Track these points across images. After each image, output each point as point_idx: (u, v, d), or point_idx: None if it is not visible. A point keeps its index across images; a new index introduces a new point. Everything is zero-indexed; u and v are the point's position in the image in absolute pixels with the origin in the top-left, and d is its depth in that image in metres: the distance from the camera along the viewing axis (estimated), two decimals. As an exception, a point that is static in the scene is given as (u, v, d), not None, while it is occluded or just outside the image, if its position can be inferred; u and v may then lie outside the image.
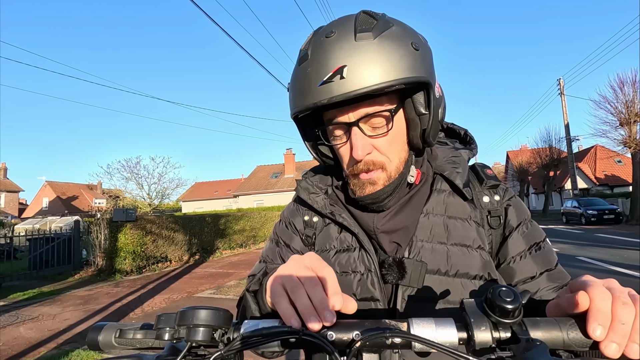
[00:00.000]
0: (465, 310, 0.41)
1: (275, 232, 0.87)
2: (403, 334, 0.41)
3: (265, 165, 36.26)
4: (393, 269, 0.67)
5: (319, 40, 0.64)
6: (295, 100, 0.67)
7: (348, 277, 0.71)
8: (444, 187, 0.74)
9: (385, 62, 0.59)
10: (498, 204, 0.73)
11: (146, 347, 0.47)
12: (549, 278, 0.68)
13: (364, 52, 0.60)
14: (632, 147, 17.44)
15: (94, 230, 9.67)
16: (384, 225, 0.72)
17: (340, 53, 0.60)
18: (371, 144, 0.67)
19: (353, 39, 0.60)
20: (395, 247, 0.71)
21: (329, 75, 0.60)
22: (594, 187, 30.75)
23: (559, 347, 0.40)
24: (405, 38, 0.63)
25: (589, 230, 15.31)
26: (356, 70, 0.59)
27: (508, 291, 0.39)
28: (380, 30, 0.61)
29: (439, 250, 0.68)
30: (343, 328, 0.43)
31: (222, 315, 0.41)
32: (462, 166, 0.75)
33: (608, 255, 8.25)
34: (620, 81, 17.94)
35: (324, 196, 0.80)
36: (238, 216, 14.86)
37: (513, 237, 0.71)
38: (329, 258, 0.74)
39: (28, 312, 5.85)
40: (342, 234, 0.75)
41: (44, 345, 4.28)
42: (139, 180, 21.79)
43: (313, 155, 0.80)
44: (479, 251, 0.69)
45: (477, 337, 0.39)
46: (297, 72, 0.66)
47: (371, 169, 0.68)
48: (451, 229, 0.70)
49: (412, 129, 0.70)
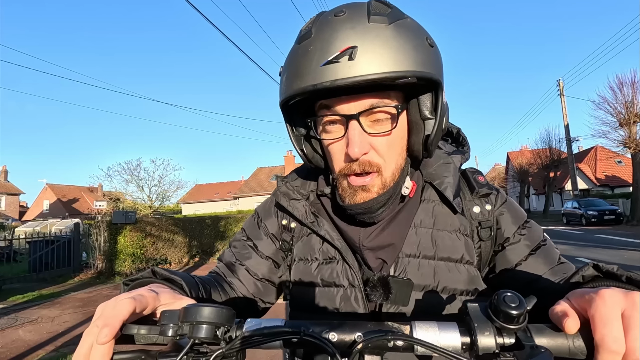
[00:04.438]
0: (469, 315, 0.41)
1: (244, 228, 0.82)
2: (405, 337, 0.41)
3: (266, 167, 36.31)
4: (378, 289, 0.62)
5: (327, 19, 0.58)
6: (289, 82, 0.59)
7: (331, 291, 0.68)
8: (433, 197, 0.70)
9: (400, 50, 0.54)
10: (489, 213, 0.70)
11: (150, 343, 0.47)
12: (553, 273, 0.65)
13: (377, 36, 0.54)
14: (632, 148, 17.44)
15: (94, 232, 9.65)
16: (371, 242, 0.67)
17: (351, 33, 0.54)
18: (369, 143, 0.60)
19: (366, 20, 0.55)
20: (381, 263, 0.68)
21: (335, 54, 0.53)
22: (595, 187, 30.74)
23: (564, 355, 0.40)
24: (420, 33, 0.59)
25: (589, 231, 15.28)
26: (367, 53, 0.53)
27: (513, 296, 0.38)
28: (395, 18, 0.57)
29: (426, 266, 0.65)
30: (345, 329, 0.43)
31: (225, 313, 0.41)
32: (453, 175, 0.70)
33: (608, 256, 8.26)
34: (619, 82, 17.97)
35: (305, 203, 0.74)
36: (238, 218, 14.85)
37: (512, 244, 0.68)
38: (311, 270, 0.71)
39: (27, 315, 5.83)
40: (324, 246, 0.71)
41: (42, 348, 4.26)
42: (139, 182, 21.75)
43: (298, 152, 0.71)
44: (466, 266, 0.67)
45: (480, 342, 0.38)
46: (296, 51, 0.59)
47: (366, 170, 0.61)
48: (439, 243, 0.67)
49: (415, 134, 0.64)
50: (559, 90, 25.70)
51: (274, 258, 0.77)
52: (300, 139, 0.71)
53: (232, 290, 0.74)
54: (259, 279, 0.76)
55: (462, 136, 0.80)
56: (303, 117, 0.68)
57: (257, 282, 0.76)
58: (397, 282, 0.63)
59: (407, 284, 0.63)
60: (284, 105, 0.64)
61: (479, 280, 0.67)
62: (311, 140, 0.71)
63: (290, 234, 0.76)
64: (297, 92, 0.57)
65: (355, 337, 0.42)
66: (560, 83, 25.65)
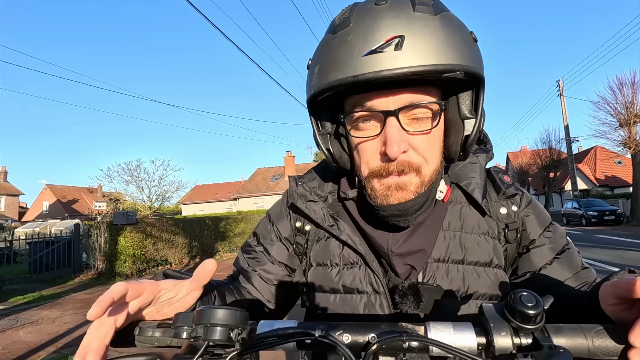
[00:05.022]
0: (485, 315, 0.40)
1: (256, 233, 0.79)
2: (420, 337, 0.40)
3: (266, 168, 36.25)
4: (408, 297, 0.59)
5: (367, 7, 0.54)
6: (323, 73, 0.54)
7: (353, 297, 0.65)
8: (460, 199, 0.68)
9: (449, 42, 0.50)
10: (515, 215, 0.67)
11: (164, 346, 0.47)
12: (576, 279, 0.64)
13: (424, 26, 0.50)
14: (632, 148, 17.44)
15: (94, 233, 9.62)
16: (400, 248, 0.62)
17: (396, 22, 0.50)
18: (408, 141, 0.56)
19: (411, 9, 0.51)
20: (409, 269, 0.63)
21: (380, 43, 0.49)
22: (594, 188, 30.73)
23: (584, 355, 0.39)
24: (464, 27, 0.55)
25: (589, 231, 15.27)
26: (415, 43, 0.49)
27: (530, 296, 0.37)
28: (440, 9, 0.53)
29: (454, 272, 0.63)
30: (359, 330, 0.42)
31: (238, 315, 0.41)
32: (479, 175, 0.67)
33: (608, 256, 8.25)
34: (619, 82, 17.98)
35: (323, 205, 0.70)
36: (238, 219, 14.82)
37: (537, 247, 0.66)
38: (331, 277, 0.67)
39: (28, 316, 5.81)
40: (344, 250, 0.67)
41: (43, 349, 4.25)
42: (139, 183, 21.69)
43: (324, 152, 0.65)
44: (495, 270, 0.64)
45: (496, 343, 0.38)
46: (331, 41, 0.54)
47: (405, 171, 0.56)
48: (467, 247, 0.64)
49: (453, 134, 0.60)
50: (559, 91, 25.70)
51: (287, 263, 0.74)
52: (326, 137, 0.66)
53: (248, 295, 0.72)
54: (274, 285, 0.74)
55: (484, 133, 0.76)
56: (331, 113, 0.64)
57: (272, 288, 0.74)
58: (427, 290, 0.60)
59: (437, 290, 0.61)
60: (312, 100, 0.59)
61: (507, 285, 0.65)
62: (340, 139, 0.66)
63: (305, 237, 0.72)
64: (333, 84, 0.53)
65: (369, 338, 0.41)
66: (560, 83, 25.65)
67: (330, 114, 0.64)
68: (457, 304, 0.61)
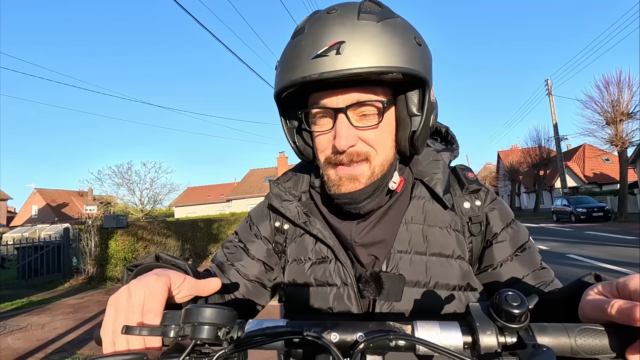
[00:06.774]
0: (471, 314, 0.41)
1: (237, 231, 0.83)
2: (407, 336, 0.41)
3: (258, 169, 36.21)
4: (370, 284, 0.64)
5: (319, 16, 0.61)
6: (282, 74, 0.62)
7: (324, 290, 0.69)
8: (424, 194, 0.72)
9: (386, 47, 0.56)
10: (479, 209, 0.71)
11: None
12: (535, 277, 0.67)
13: (364, 32, 0.56)
14: (619, 146, 17.80)
15: (84, 237, 9.51)
16: (362, 238, 0.68)
17: (339, 28, 0.57)
18: (357, 136, 0.62)
19: (356, 17, 0.57)
20: (373, 259, 0.68)
21: (324, 48, 0.56)
22: (583, 185, 31.27)
23: (567, 354, 0.40)
24: (408, 31, 0.61)
25: (578, 228, 15.55)
26: (354, 48, 0.55)
27: (515, 295, 0.38)
28: (385, 17, 0.59)
29: (418, 262, 0.66)
30: (347, 329, 0.43)
31: (226, 313, 0.41)
32: (442, 171, 0.72)
33: (597, 253, 8.38)
34: (605, 81, 18.36)
35: (298, 204, 0.75)
36: (231, 220, 14.77)
37: (499, 242, 0.69)
38: (304, 270, 0.72)
39: (16, 322, 5.71)
40: (317, 245, 0.72)
41: (32, 355, 4.19)
42: (130, 186, 21.47)
43: (290, 144, 0.74)
44: (458, 261, 0.67)
45: (482, 342, 0.38)
46: (289, 46, 0.62)
47: (355, 160, 0.63)
48: (430, 239, 0.68)
49: (401, 129, 0.66)
50: (548, 90, 26.11)
51: (265, 260, 0.78)
52: (292, 131, 0.73)
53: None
54: (249, 280, 0.77)
55: (451, 134, 0.83)
56: (296, 110, 0.69)
57: (247, 283, 0.77)
58: (389, 278, 0.64)
59: (399, 279, 0.64)
60: (277, 97, 0.66)
61: (471, 275, 0.68)
62: (302, 133, 0.73)
63: (284, 236, 0.77)
64: (287, 84, 0.60)
65: (357, 337, 0.42)
66: (549, 83, 26.08)
67: (295, 110, 0.70)
68: (423, 294, 0.65)
